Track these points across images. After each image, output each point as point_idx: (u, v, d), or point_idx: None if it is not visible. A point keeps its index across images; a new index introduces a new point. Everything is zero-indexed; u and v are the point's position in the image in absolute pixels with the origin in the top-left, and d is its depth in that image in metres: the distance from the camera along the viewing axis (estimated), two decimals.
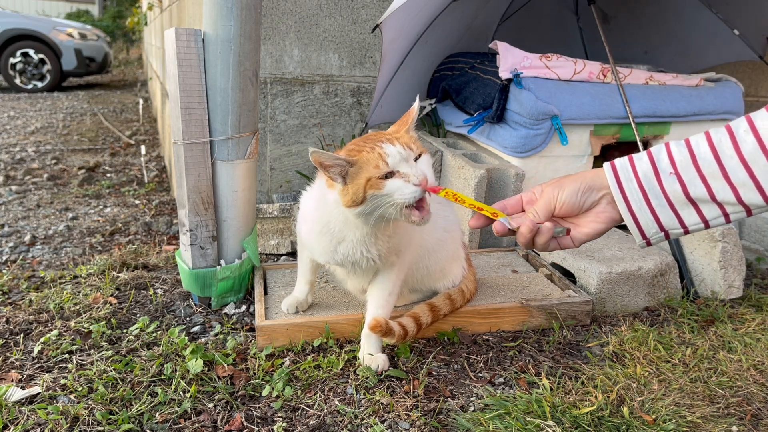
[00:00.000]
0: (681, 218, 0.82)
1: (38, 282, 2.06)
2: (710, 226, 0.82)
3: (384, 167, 1.19)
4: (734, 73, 3.03)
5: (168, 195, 3.40)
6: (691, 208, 0.81)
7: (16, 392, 1.38)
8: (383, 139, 1.24)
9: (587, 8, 2.75)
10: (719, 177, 0.77)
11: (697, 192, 0.79)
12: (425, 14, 2.51)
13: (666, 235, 0.84)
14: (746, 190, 0.75)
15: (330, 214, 1.38)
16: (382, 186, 1.19)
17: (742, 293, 2.00)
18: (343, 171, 1.24)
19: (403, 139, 1.24)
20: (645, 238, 0.85)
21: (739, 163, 0.75)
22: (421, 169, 1.19)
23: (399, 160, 1.20)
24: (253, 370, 1.52)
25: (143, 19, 7.98)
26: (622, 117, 2.43)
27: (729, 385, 1.52)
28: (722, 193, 0.77)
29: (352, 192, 1.23)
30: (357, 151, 1.25)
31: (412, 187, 1.17)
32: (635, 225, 0.84)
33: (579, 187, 0.88)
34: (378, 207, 1.22)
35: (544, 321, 1.78)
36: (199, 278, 1.82)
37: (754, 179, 0.74)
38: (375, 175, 1.20)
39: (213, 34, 1.69)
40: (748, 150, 0.74)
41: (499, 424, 1.31)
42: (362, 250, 1.41)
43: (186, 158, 1.73)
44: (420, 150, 1.24)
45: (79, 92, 8.54)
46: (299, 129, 2.84)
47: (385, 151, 1.21)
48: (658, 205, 0.82)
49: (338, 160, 1.22)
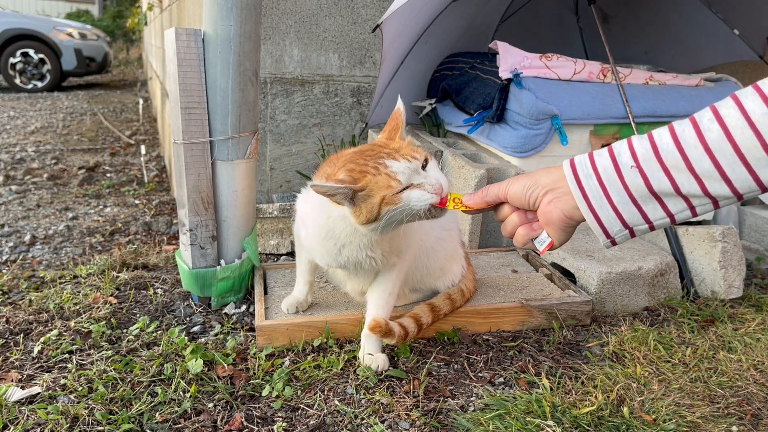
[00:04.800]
0: (645, 213, 0.78)
1: (38, 282, 2.06)
2: (676, 221, 0.78)
3: (397, 185, 1.17)
4: (734, 73, 3.03)
5: (168, 195, 3.40)
6: (655, 202, 0.77)
7: (16, 392, 1.38)
8: (383, 155, 1.21)
9: (587, 8, 2.75)
10: (683, 169, 0.73)
11: (660, 185, 0.76)
12: (425, 14, 2.51)
13: (631, 233, 0.81)
14: (712, 181, 0.72)
15: (335, 223, 1.36)
16: (398, 200, 1.17)
17: (742, 293, 2.00)
18: (349, 195, 1.21)
19: (403, 151, 1.22)
20: (609, 237, 0.82)
21: (703, 153, 0.72)
22: (434, 176, 1.18)
23: (410, 175, 1.18)
24: (253, 370, 1.52)
25: (143, 18, 7.99)
26: (622, 117, 2.43)
27: (729, 385, 1.52)
28: (687, 186, 0.74)
29: (366, 211, 1.20)
30: (360, 172, 1.21)
31: (428, 194, 1.15)
32: (597, 223, 0.81)
33: (526, 183, 0.86)
34: (394, 218, 1.20)
35: (544, 321, 1.78)
36: (199, 278, 1.82)
37: (720, 169, 0.71)
38: (389, 193, 1.17)
39: (213, 34, 1.69)
40: (713, 138, 0.71)
41: (499, 424, 1.31)
42: (366, 252, 1.40)
43: (186, 158, 1.73)
44: (424, 155, 1.22)
45: (79, 92, 8.54)
46: (299, 129, 2.84)
47: (392, 170, 1.18)
48: (620, 202, 0.79)
49: (340, 189, 1.18)
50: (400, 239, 1.46)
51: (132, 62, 13.78)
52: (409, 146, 1.25)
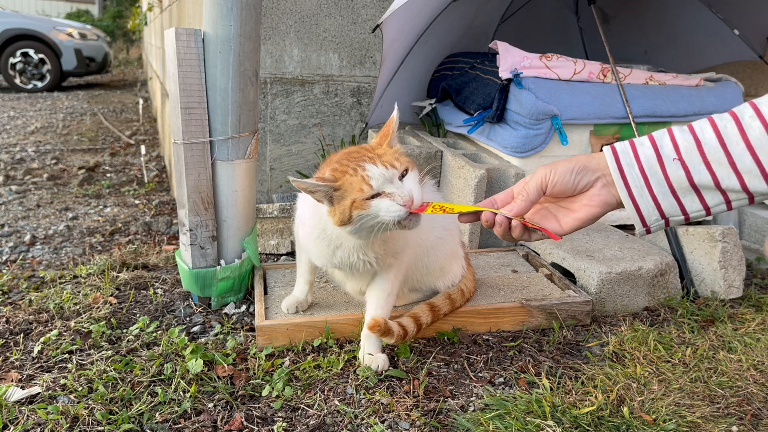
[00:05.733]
0: (683, 205, 0.80)
1: (38, 282, 2.06)
2: (711, 213, 0.80)
3: (368, 190, 1.18)
4: (734, 73, 3.03)
5: (168, 195, 3.40)
6: (694, 195, 0.79)
7: (16, 392, 1.38)
8: (365, 158, 1.22)
9: (587, 8, 2.75)
10: (725, 163, 0.75)
11: (701, 179, 0.77)
12: (425, 14, 2.51)
13: (666, 223, 0.83)
14: (751, 177, 0.74)
15: (326, 222, 1.37)
16: (367, 206, 1.18)
17: (742, 293, 2.00)
18: (328, 194, 1.23)
19: (385, 158, 1.21)
20: (645, 225, 0.83)
21: (745, 149, 0.74)
22: (407, 188, 1.17)
23: (383, 182, 1.18)
24: (253, 370, 1.52)
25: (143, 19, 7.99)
26: (622, 117, 2.43)
27: (729, 385, 1.52)
28: (727, 180, 0.76)
29: (339, 212, 1.22)
30: (341, 172, 1.23)
31: (397, 206, 1.15)
32: (636, 212, 0.82)
33: (573, 167, 0.86)
34: (365, 225, 1.21)
35: (544, 321, 1.78)
36: (199, 278, 1.82)
37: (760, 166, 0.73)
38: (359, 197, 1.18)
39: (213, 34, 1.69)
40: (755, 136, 0.73)
41: (499, 424, 1.31)
42: (359, 254, 1.41)
43: (186, 158, 1.73)
44: (405, 166, 1.21)
45: (79, 92, 8.54)
46: (299, 129, 2.84)
47: (368, 173, 1.19)
48: (660, 192, 0.80)
49: (320, 186, 1.21)
50: (395, 241, 1.46)
51: (132, 62, 13.78)
52: (393, 154, 1.24)
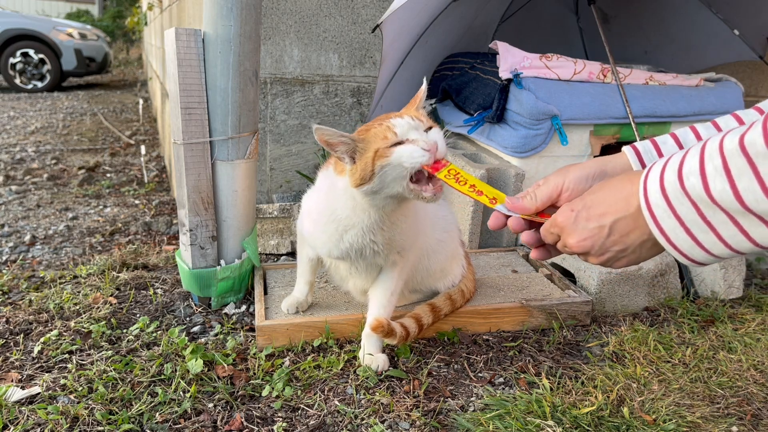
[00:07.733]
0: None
1: (38, 282, 2.06)
2: None
3: (393, 137, 1.17)
4: (734, 73, 3.03)
5: (168, 195, 3.40)
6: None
7: (16, 392, 1.38)
8: (392, 116, 1.24)
9: (587, 8, 2.75)
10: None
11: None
12: (425, 14, 2.51)
13: None
14: None
15: (338, 200, 1.37)
16: (390, 153, 1.16)
17: (742, 293, 2.00)
18: (350, 149, 1.22)
19: (410, 112, 1.24)
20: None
21: None
22: (432, 136, 1.17)
23: (407, 129, 1.17)
24: (253, 370, 1.52)
25: (143, 19, 7.98)
26: (622, 117, 2.43)
27: (729, 385, 1.52)
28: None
29: (360, 169, 1.21)
30: (365, 131, 1.24)
31: (421, 150, 1.13)
32: None
33: (589, 173, 0.81)
34: (386, 183, 1.20)
35: (544, 321, 1.78)
36: (199, 278, 1.82)
37: None
38: (383, 145, 1.17)
39: (213, 34, 1.69)
40: None
41: (499, 424, 1.31)
42: (369, 236, 1.39)
43: (186, 158, 1.73)
44: (430, 123, 1.22)
45: (79, 92, 8.54)
46: (299, 129, 2.84)
47: (392, 122, 1.19)
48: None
49: (344, 138, 1.19)
50: (403, 232, 1.45)
51: (132, 62, 13.78)
52: (417, 111, 1.26)
